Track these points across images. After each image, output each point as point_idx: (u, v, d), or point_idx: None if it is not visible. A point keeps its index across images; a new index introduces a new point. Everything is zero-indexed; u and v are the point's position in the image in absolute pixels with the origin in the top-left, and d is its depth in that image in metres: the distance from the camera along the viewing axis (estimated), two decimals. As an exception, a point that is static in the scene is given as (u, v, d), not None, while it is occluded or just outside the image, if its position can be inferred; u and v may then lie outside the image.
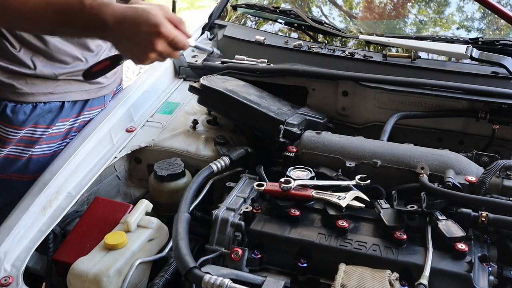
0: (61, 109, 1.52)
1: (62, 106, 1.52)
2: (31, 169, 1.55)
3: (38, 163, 1.55)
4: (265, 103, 1.58)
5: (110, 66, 1.30)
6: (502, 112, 1.57)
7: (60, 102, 1.51)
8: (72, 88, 1.52)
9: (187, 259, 1.04)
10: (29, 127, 1.48)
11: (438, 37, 1.95)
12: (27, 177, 1.53)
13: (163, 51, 1.17)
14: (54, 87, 1.48)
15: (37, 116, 1.48)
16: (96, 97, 1.62)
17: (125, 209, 1.32)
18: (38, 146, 1.53)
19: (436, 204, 1.15)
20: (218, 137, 1.58)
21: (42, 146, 1.54)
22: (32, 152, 1.53)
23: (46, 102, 1.48)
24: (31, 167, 1.54)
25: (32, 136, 1.51)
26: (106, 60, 1.30)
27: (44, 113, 1.49)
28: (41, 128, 1.51)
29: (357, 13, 2.47)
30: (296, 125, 1.51)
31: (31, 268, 1.25)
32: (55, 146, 1.57)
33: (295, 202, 1.19)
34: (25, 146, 1.51)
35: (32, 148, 1.52)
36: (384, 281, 0.99)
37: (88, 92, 1.58)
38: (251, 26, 2.24)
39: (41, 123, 1.50)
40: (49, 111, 1.50)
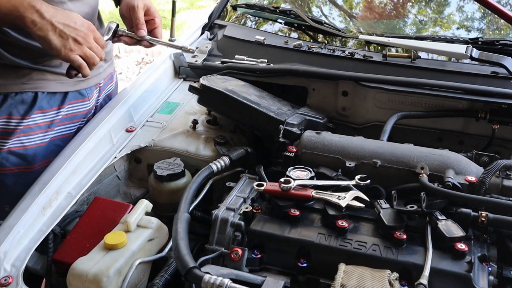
0: (34, 100, 1.49)
1: (36, 97, 1.50)
2: (13, 162, 1.53)
3: (19, 155, 1.54)
4: (265, 103, 1.58)
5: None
6: (502, 112, 1.57)
7: (33, 93, 1.49)
8: (47, 78, 1.50)
9: (187, 259, 1.04)
10: (2, 118, 1.47)
11: (438, 37, 1.95)
12: (9, 170, 1.53)
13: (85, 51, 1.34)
14: (27, 78, 1.46)
15: (9, 106, 1.46)
16: (74, 90, 1.58)
17: (125, 209, 1.32)
18: (16, 138, 1.51)
19: (436, 204, 1.15)
20: (218, 137, 1.58)
21: (20, 138, 1.53)
22: (11, 145, 1.51)
23: (18, 92, 1.46)
24: (12, 159, 1.53)
25: (7, 128, 1.49)
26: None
27: (17, 104, 1.47)
28: (15, 119, 1.49)
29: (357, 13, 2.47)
30: (296, 125, 1.51)
31: (31, 268, 1.25)
32: (36, 138, 1.56)
33: (295, 202, 1.19)
34: (1, 138, 1.50)
35: (9, 139, 1.50)
36: (384, 281, 0.99)
37: (65, 84, 1.54)
38: (251, 26, 2.24)
39: (14, 113, 1.48)
40: (21, 101, 1.48)
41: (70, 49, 1.32)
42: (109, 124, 1.60)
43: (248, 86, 1.69)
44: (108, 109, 1.66)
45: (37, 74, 1.48)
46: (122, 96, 1.72)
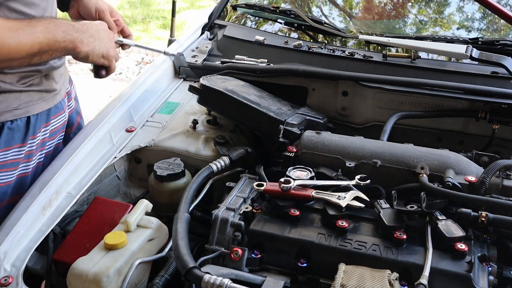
0: (27, 125, 1.43)
1: (28, 121, 1.43)
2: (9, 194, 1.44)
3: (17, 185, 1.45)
4: (265, 103, 1.58)
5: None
6: (502, 112, 1.57)
7: (26, 118, 1.42)
8: (33, 99, 1.43)
9: (187, 259, 1.04)
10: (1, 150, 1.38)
11: (438, 37, 1.95)
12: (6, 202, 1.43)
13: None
14: (18, 102, 1.39)
15: (6, 137, 1.38)
16: (54, 105, 1.53)
17: (125, 209, 1.32)
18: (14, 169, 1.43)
19: (436, 204, 1.15)
20: (218, 137, 1.58)
21: (21, 167, 1.46)
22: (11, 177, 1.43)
23: (13, 120, 1.38)
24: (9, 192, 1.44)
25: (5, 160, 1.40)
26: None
27: (13, 133, 1.39)
28: (13, 150, 1.41)
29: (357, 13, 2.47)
30: (296, 125, 1.51)
31: (31, 268, 1.25)
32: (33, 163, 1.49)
33: (295, 202, 1.19)
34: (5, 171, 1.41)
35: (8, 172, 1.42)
36: (384, 281, 0.99)
37: (47, 101, 1.49)
38: (251, 26, 2.24)
39: (12, 144, 1.40)
40: (17, 130, 1.40)
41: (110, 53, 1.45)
42: (109, 124, 1.60)
43: (248, 86, 1.69)
44: (108, 109, 1.66)
45: (25, 96, 1.41)
46: (122, 96, 1.72)
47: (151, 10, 6.97)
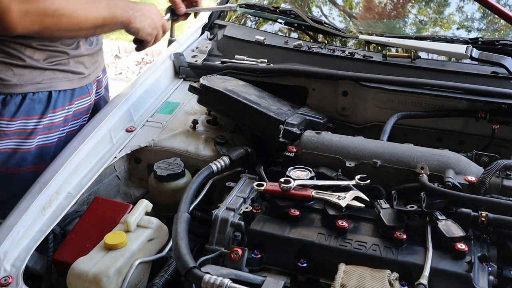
0: (49, 99, 1.56)
1: (50, 96, 1.56)
2: (30, 161, 1.58)
3: (37, 154, 1.59)
4: (265, 103, 1.58)
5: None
6: (502, 112, 1.57)
7: (47, 92, 1.56)
8: (57, 77, 1.57)
9: (187, 259, 1.04)
10: (21, 119, 1.52)
11: (438, 37, 1.95)
12: (26, 169, 1.58)
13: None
14: (41, 77, 1.53)
15: (27, 106, 1.52)
16: (79, 87, 1.66)
17: (125, 209, 1.32)
18: (33, 138, 1.56)
19: (436, 204, 1.15)
20: (218, 137, 1.58)
21: (39, 137, 1.58)
22: (30, 145, 1.56)
23: (35, 92, 1.53)
24: (30, 159, 1.58)
25: (26, 128, 1.54)
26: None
27: (34, 104, 1.53)
28: (33, 120, 1.55)
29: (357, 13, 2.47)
30: (296, 125, 1.51)
31: (31, 268, 1.25)
32: (53, 136, 1.62)
33: (295, 202, 1.19)
34: (20, 138, 1.54)
35: (28, 140, 1.55)
36: (384, 281, 0.99)
37: (72, 81, 1.62)
38: (251, 26, 2.24)
39: (32, 114, 1.54)
40: (38, 101, 1.54)
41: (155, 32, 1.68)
42: (109, 124, 1.60)
43: (248, 86, 1.69)
44: (108, 109, 1.66)
45: (50, 74, 1.55)
46: (122, 96, 1.72)
47: (151, 10, 6.96)
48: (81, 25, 1.44)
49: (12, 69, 1.48)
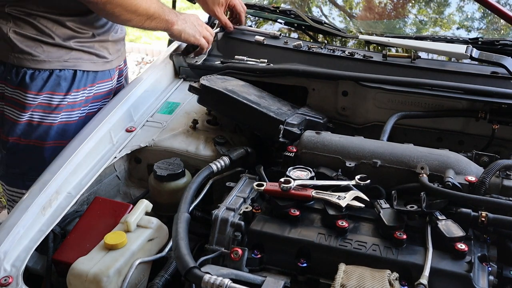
0: (74, 78, 1.66)
1: (75, 75, 1.66)
2: (52, 136, 1.68)
3: (59, 130, 1.68)
4: (265, 103, 1.58)
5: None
6: (502, 112, 1.57)
7: (73, 71, 1.66)
8: (83, 58, 1.68)
9: (187, 259, 1.04)
10: (46, 93, 1.62)
11: (438, 37, 1.95)
12: (48, 144, 1.68)
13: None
14: (68, 56, 1.63)
15: (53, 82, 1.62)
16: (102, 70, 1.76)
17: (125, 209, 1.32)
18: (57, 113, 1.66)
19: (436, 204, 1.15)
20: (218, 137, 1.58)
21: (63, 114, 1.68)
22: (53, 120, 1.66)
23: (61, 69, 1.63)
24: (52, 134, 1.67)
25: (50, 103, 1.64)
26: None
27: (60, 80, 1.63)
28: (58, 96, 1.64)
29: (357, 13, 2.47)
30: (296, 125, 1.51)
31: (31, 268, 1.25)
32: (75, 114, 1.71)
33: (295, 202, 1.19)
34: (44, 112, 1.64)
35: (51, 114, 1.65)
36: (384, 281, 0.99)
37: (96, 64, 1.73)
38: (251, 26, 2.24)
39: (57, 90, 1.64)
40: (64, 78, 1.64)
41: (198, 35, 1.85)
42: (109, 124, 1.60)
43: (248, 86, 1.69)
44: (108, 109, 1.66)
45: (76, 53, 1.66)
46: (122, 96, 1.72)
47: (151, 10, 6.97)
48: (137, 8, 1.60)
49: (42, 46, 1.59)
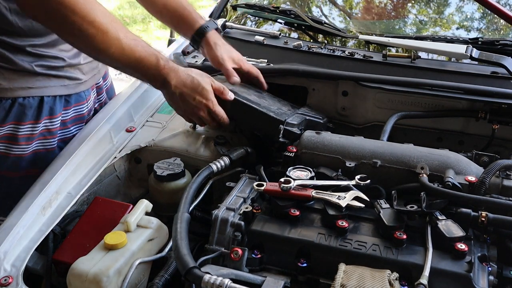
0: (41, 105, 1.51)
1: (42, 101, 1.50)
2: (24, 166, 1.55)
3: (33, 159, 1.55)
4: (265, 103, 1.58)
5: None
6: (502, 112, 1.57)
7: (39, 97, 1.50)
8: (51, 83, 1.52)
9: (187, 259, 1.04)
10: (10, 123, 1.47)
11: (438, 37, 1.95)
12: (21, 173, 1.55)
13: (204, 116, 1.47)
14: (33, 82, 1.47)
15: (17, 111, 1.47)
16: (74, 93, 1.61)
17: (125, 209, 1.32)
18: (27, 144, 1.52)
19: (436, 204, 1.15)
20: (218, 137, 1.58)
21: (36, 143, 1.54)
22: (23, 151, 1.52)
23: (25, 97, 1.47)
24: (23, 164, 1.54)
25: (16, 133, 1.49)
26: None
27: (24, 109, 1.48)
28: (24, 125, 1.50)
29: (357, 13, 2.47)
30: (296, 125, 1.51)
31: (31, 268, 1.25)
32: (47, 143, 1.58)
33: (295, 202, 1.19)
34: (10, 143, 1.50)
35: (20, 145, 1.51)
36: (384, 281, 0.99)
37: (67, 87, 1.57)
38: (251, 26, 2.24)
39: (23, 119, 1.49)
40: (29, 107, 1.48)
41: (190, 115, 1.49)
42: (109, 124, 1.60)
43: (247, 86, 1.69)
44: (108, 109, 1.66)
45: (43, 79, 1.50)
46: (122, 96, 1.72)
47: (151, 10, 6.97)
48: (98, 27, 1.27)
49: (2, 72, 1.43)
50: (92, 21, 1.24)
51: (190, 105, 1.43)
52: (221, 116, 1.48)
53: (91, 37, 1.25)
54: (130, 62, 1.32)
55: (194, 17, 1.69)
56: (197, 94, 1.42)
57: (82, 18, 1.22)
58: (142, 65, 1.33)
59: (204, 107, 1.44)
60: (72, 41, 1.34)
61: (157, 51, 1.37)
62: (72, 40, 1.32)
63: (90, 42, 1.26)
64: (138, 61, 1.33)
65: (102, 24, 1.25)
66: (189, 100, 1.42)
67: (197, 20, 1.68)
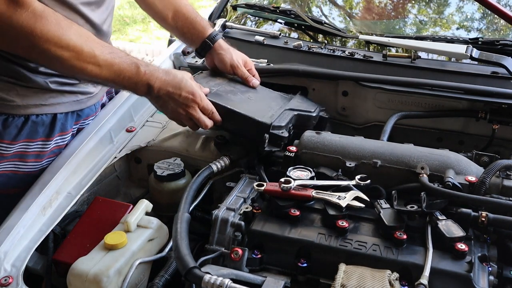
0: (54, 122, 1.47)
1: (55, 118, 1.47)
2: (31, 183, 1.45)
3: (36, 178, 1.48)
4: (252, 101, 1.54)
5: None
6: (502, 112, 1.57)
7: (52, 115, 1.46)
8: (64, 99, 1.48)
9: (187, 259, 1.04)
10: (22, 141, 1.43)
11: (438, 37, 1.95)
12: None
13: (193, 113, 1.42)
14: (47, 98, 1.44)
15: (29, 129, 1.43)
16: (87, 107, 1.59)
17: (125, 209, 1.32)
18: (38, 161, 1.48)
19: (436, 204, 1.15)
20: (218, 137, 1.57)
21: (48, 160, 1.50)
22: (33, 168, 1.48)
23: (38, 114, 1.43)
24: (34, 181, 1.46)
25: (27, 151, 1.45)
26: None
27: (37, 127, 1.44)
28: (36, 142, 1.46)
29: (357, 13, 2.47)
30: (283, 126, 1.44)
31: (31, 268, 1.25)
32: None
33: (295, 202, 1.19)
34: (20, 161, 1.45)
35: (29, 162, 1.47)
36: (384, 281, 0.99)
37: (79, 102, 1.54)
38: (251, 26, 2.24)
39: (34, 137, 1.45)
40: (41, 124, 1.45)
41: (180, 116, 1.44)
42: (109, 124, 1.60)
43: (234, 81, 1.66)
44: (108, 109, 1.66)
45: (56, 95, 1.46)
46: (122, 96, 1.72)
47: (151, 10, 6.96)
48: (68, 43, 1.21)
49: (16, 89, 1.38)
50: (66, 45, 1.20)
51: (178, 103, 1.40)
52: (210, 110, 1.44)
53: (66, 60, 1.22)
54: (110, 75, 1.29)
55: (204, 25, 1.69)
56: (182, 90, 1.38)
57: (55, 44, 1.19)
58: (123, 76, 1.31)
59: (192, 102, 1.40)
60: (45, 65, 1.31)
61: (135, 58, 1.35)
62: (45, 64, 1.30)
63: (66, 65, 1.24)
64: (118, 74, 1.30)
65: (76, 46, 1.22)
66: (175, 97, 1.38)
67: (207, 28, 1.69)
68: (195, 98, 1.40)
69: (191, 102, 1.40)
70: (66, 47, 1.20)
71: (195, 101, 1.41)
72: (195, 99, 1.40)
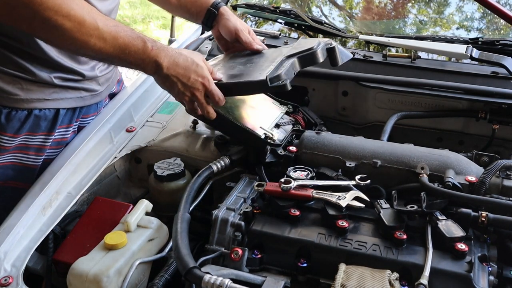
0: (56, 117, 1.47)
1: (57, 113, 1.47)
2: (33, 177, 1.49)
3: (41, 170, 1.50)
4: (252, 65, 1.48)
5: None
6: (502, 112, 1.57)
7: (55, 110, 1.46)
8: (68, 95, 1.48)
9: (187, 259, 1.04)
10: (24, 134, 1.43)
11: (438, 37, 1.95)
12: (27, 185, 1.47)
13: (199, 98, 1.35)
14: (50, 93, 1.44)
15: (32, 123, 1.43)
16: (89, 104, 1.59)
17: (125, 209, 1.32)
18: (40, 154, 1.49)
19: (436, 204, 1.15)
20: (218, 137, 1.57)
21: (48, 152, 1.50)
22: (35, 161, 1.49)
23: (41, 108, 1.43)
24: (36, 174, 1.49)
25: (28, 144, 1.46)
26: None
27: (39, 121, 1.44)
28: (38, 136, 1.46)
29: (357, 13, 2.47)
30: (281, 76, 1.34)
31: (31, 268, 1.25)
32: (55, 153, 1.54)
33: (295, 202, 1.19)
34: (22, 153, 1.46)
35: (31, 155, 1.48)
36: (384, 281, 0.99)
37: (83, 99, 1.54)
38: (251, 26, 2.24)
39: (36, 131, 1.45)
40: (44, 118, 1.45)
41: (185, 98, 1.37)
42: (109, 124, 1.60)
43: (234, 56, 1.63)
44: (108, 109, 1.66)
45: (60, 90, 1.46)
46: (122, 96, 1.72)
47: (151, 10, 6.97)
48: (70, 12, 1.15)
49: (20, 82, 1.38)
50: (67, 14, 1.13)
51: (186, 86, 1.33)
52: (217, 95, 1.36)
53: (67, 31, 1.15)
54: (114, 50, 1.22)
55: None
56: (192, 73, 1.32)
57: (56, 12, 1.12)
58: (128, 51, 1.23)
59: (200, 85, 1.33)
60: (47, 38, 1.24)
61: (142, 34, 1.28)
62: (47, 37, 1.22)
63: (67, 37, 1.16)
64: (123, 48, 1.22)
65: (78, 16, 1.15)
66: (183, 80, 1.32)
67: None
68: (204, 82, 1.34)
69: (200, 85, 1.34)
70: (67, 15, 1.14)
71: (204, 85, 1.34)
72: (204, 83, 1.34)
